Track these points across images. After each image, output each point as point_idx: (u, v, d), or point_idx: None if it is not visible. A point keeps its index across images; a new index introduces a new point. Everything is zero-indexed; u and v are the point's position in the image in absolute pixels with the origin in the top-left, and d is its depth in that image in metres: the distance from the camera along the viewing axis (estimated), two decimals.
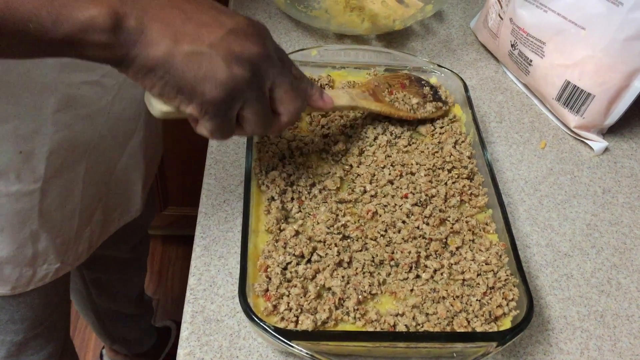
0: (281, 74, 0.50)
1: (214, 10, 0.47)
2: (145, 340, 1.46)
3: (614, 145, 0.83)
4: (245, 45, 0.46)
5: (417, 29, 0.98)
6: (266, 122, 0.51)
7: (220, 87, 0.45)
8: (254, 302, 0.54)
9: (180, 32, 0.44)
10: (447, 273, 0.58)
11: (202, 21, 0.45)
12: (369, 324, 0.54)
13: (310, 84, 0.58)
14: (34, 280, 0.75)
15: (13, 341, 0.84)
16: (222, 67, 0.45)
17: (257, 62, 0.47)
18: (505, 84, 0.90)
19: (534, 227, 0.71)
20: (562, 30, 0.78)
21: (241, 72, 0.46)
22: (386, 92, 0.72)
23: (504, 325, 0.55)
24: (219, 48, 0.45)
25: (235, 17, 0.48)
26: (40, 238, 0.71)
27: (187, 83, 0.45)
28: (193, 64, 0.44)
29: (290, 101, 0.52)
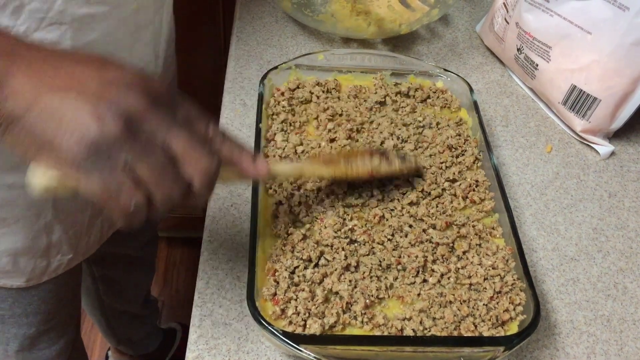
0: (176, 128, 0.41)
1: (97, 63, 0.41)
2: (151, 342, 1.47)
3: (620, 149, 0.83)
4: (124, 95, 0.39)
5: (423, 33, 0.98)
6: (171, 181, 0.41)
7: (82, 140, 0.37)
8: (262, 306, 0.54)
9: (47, 83, 0.38)
10: (454, 277, 0.59)
11: (78, 72, 0.39)
12: (377, 328, 0.54)
13: (237, 146, 0.47)
14: (47, 272, 0.76)
15: (26, 334, 0.85)
16: (88, 118, 0.37)
17: (137, 112, 0.39)
18: (511, 88, 0.90)
19: (540, 231, 0.71)
20: (568, 34, 0.78)
21: (110, 123, 0.38)
22: (341, 160, 0.62)
23: (511, 329, 0.55)
24: (90, 97, 0.38)
25: (125, 69, 0.41)
26: (54, 229, 0.72)
27: (47, 137, 0.38)
28: (55, 115, 0.37)
29: (194, 161, 0.41)
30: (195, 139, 0.42)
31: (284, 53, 0.91)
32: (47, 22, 0.55)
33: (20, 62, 0.39)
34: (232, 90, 0.83)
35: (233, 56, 0.89)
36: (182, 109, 0.43)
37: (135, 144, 0.39)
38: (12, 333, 0.84)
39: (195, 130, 0.43)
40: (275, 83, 0.75)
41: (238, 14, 0.97)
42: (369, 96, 0.76)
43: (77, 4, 0.57)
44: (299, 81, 0.76)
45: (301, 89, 0.75)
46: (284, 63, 0.76)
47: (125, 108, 0.38)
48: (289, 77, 0.77)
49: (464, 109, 0.77)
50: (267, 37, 0.93)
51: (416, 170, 0.67)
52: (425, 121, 0.74)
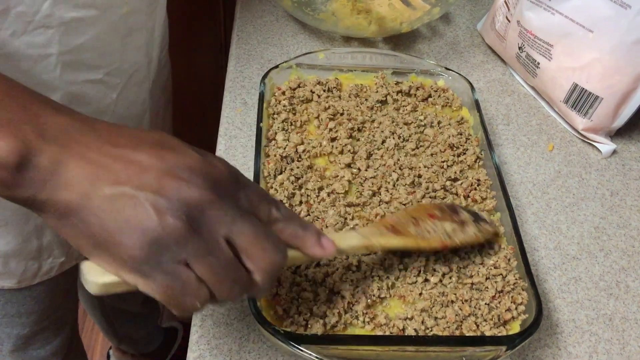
0: (240, 219, 0.39)
1: (156, 147, 0.38)
2: (152, 340, 1.47)
3: (622, 147, 0.83)
4: (184, 186, 0.36)
5: (424, 32, 0.98)
6: (232, 282, 0.39)
7: (142, 238, 0.35)
8: (264, 305, 0.54)
9: (102, 172, 0.36)
10: (456, 277, 0.58)
11: (136, 159, 0.37)
12: (378, 327, 0.54)
13: (301, 226, 0.44)
14: (39, 274, 0.76)
15: (20, 334, 0.85)
16: (148, 213, 0.35)
17: (198, 206, 0.37)
18: (513, 87, 0.90)
19: (542, 230, 0.71)
20: (569, 32, 0.78)
21: (172, 220, 0.36)
22: (410, 225, 0.58)
23: (513, 329, 0.55)
24: (148, 189, 0.36)
25: (186, 153, 0.38)
26: (45, 232, 0.72)
27: (105, 234, 0.36)
28: (113, 210, 0.35)
29: (258, 254, 0.39)
30: (260, 230, 0.39)
31: (284, 52, 0.90)
32: (33, 26, 0.55)
33: (75, 150, 0.36)
34: (232, 90, 0.83)
35: (234, 55, 0.89)
36: (245, 191, 0.41)
37: (198, 241, 0.37)
38: (5, 333, 0.84)
39: (260, 216, 0.41)
40: (276, 82, 0.75)
41: (238, 13, 0.97)
42: (370, 95, 0.76)
43: (64, 8, 0.56)
44: (300, 80, 0.76)
45: (302, 88, 0.75)
46: (285, 62, 0.76)
47: (186, 202, 0.36)
48: (289, 76, 0.77)
49: (465, 108, 0.76)
50: (268, 36, 0.93)
51: (494, 234, 0.61)
52: (426, 120, 0.74)
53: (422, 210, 0.60)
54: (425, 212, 0.60)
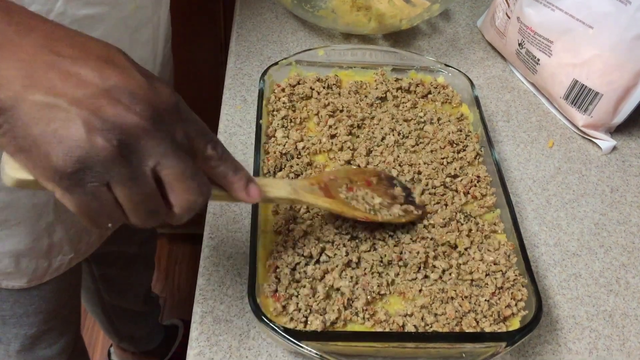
0: (171, 154, 0.38)
1: (101, 59, 0.36)
2: (153, 338, 1.47)
3: (622, 144, 0.83)
4: (122, 111, 0.35)
5: (423, 28, 0.97)
6: (147, 212, 0.39)
7: (68, 153, 0.34)
8: (263, 302, 0.54)
9: (37, 77, 0.34)
10: (456, 273, 0.58)
11: (75, 71, 0.35)
12: (378, 324, 0.54)
13: (232, 168, 0.45)
14: (49, 272, 0.77)
15: (27, 334, 0.86)
16: (79, 131, 0.34)
17: (132, 133, 0.36)
18: (513, 83, 0.90)
19: (542, 227, 0.71)
20: (569, 29, 0.78)
21: (102, 142, 0.35)
22: (344, 188, 0.60)
23: (513, 325, 0.55)
24: (83, 106, 0.34)
25: (130, 74, 0.37)
26: (56, 230, 0.72)
27: (30, 141, 0.35)
28: (42, 119, 0.34)
29: (180, 192, 0.40)
30: (187, 168, 0.39)
31: (284, 49, 0.90)
32: None
33: (9, 50, 0.35)
34: (232, 87, 0.83)
35: (233, 52, 0.89)
36: (184, 124, 0.40)
37: (124, 168, 0.36)
38: (13, 333, 0.84)
39: (194, 151, 0.41)
40: (275, 79, 0.75)
41: (238, 10, 0.97)
42: (369, 92, 0.76)
43: (77, 5, 0.57)
44: (300, 77, 0.76)
45: (302, 85, 0.75)
46: (284, 59, 0.76)
47: (121, 126, 0.35)
48: (289, 73, 0.76)
49: (465, 105, 0.76)
50: (267, 33, 0.93)
51: (417, 217, 0.63)
52: (426, 117, 0.74)
53: (361, 175, 0.63)
54: (364, 177, 0.63)
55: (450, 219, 0.63)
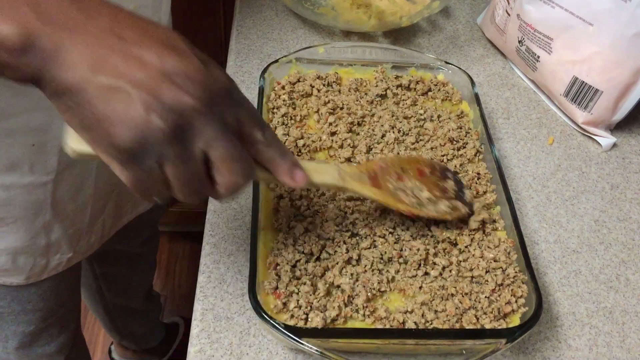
0: (221, 137, 0.40)
1: (161, 44, 0.39)
2: (154, 336, 1.47)
3: (622, 141, 0.83)
4: (178, 94, 0.38)
5: (423, 26, 0.97)
6: (192, 190, 0.42)
7: (128, 133, 0.37)
8: (264, 299, 0.54)
9: (102, 61, 0.37)
10: (456, 270, 0.58)
11: (137, 54, 0.38)
12: (378, 321, 0.54)
13: (280, 153, 0.47)
14: (47, 270, 0.77)
15: (25, 332, 0.86)
16: (139, 111, 0.37)
17: (187, 115, 0.38)
18: (513, 80, 0.90)
19: (542, 224, 0.71)
20: (569, 26, 0.78)
21: (159, 123, 0.37)
22: (393, 177, 0.60)
23: (513, 322, 0.55)
24: (143, 89, 0.37)
25: (188, 58, 0.39)
26: (53, 229, 0.72)
27: (94, 119, 0.38)
28: (106, 100, 0.37)
29: (226, 172, 0.42)
30: (235, 151, 0.42)
31: (284, 46, 0.90)
32: None
33: (77, 35, 0.37)
34: None
35: (233, 50, 0.89)
36: (235, 109, 0.42)
37: (175, 148, 0.39)
38: (11, 330, 0.85)
39: (243, 135, 0.43)
40: (275, 77, 0.75)
41: (238, 8, 0.97)
42: (369, 89, 0.76)
43: None
44: (300, 75, 0.76)
45: (302, 83, 0.75)
46: (285, 56, 0.76)
47: (175, 108, 0.38)
48: (289, 70, 0.76)
49: (465, 102, 0.76)
50: (268, 31, 0.93)
51: (465, 214, 0.61)
52: (426, 114, 0.74)
53: (414, 163, 0.62)
54: (417, 166, 0.62)
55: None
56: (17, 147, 0.63)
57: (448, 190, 0.62)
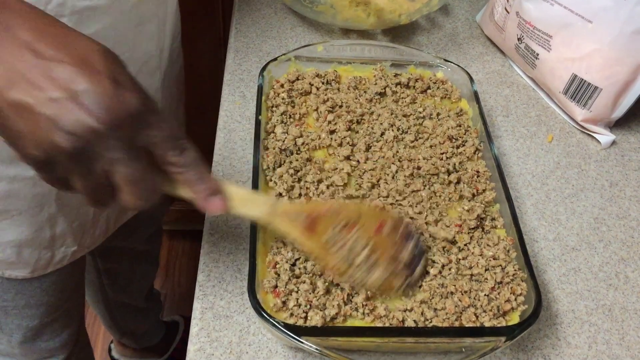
0: (122, 160, 0.41)
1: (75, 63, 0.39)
2: (154, 334, 1.48)
3: (621, 138, 0.83)
4: (82, 116, 0.38)
5: (422, 23, 0.97)
6: (99, 200, 0.44)
7: (35, 149, 0.39)
8: (263, 298, 0.54)
9: (16, 77, 0.38)
10: (455, 268, 0.58)
11: (49, 72, 0.38)
12: (378, 319, 0.54)
13: (197, 178, 0.47)
14: (52, 263, 0.77)
15: (29, 326, 0.86)
16: (43, 130, 0.38)
17: (88, 137, 0.39)
18: (512, 78, 0.90)
19: (542, 222, 0.71)
20: (568, 23, 0.78)
21: (61, 143, 0.39)
22: (339, 225, 0.54)
23: (513, 319, 0.55)
24: (49, 108, 0.38)
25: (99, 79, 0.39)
26: (58, 221, 0.73)
27: (6, 131, 0.40)
28: (16, 116, 0.39)
29: (126, 193, 0.43)
30: (136, 176, 0.42)
31: (283, 45, 0.90)
32: None
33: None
34: (231, 83, 0.83)
35: (232, 48, 0.89)
36: (149, 131, 0.42)
37: (78, 165, 0.41)
38: (15, 324, 0.85)
39: (155, 156, 0.44)
40: (274, 75, 0.75)
41: (237, 6, 0.97)
42: (368, 87, 0.76)
43: None
44: (299, 73, 0.76)
45: (301, 81, 0.75)
46: (283, 55, 0.76)
47: (77, 131, 0.39)
48: (288, 68, 0.76)
49: (465, 100, 0.76)
50: (266, 29, 0.93)
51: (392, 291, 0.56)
52: (425, 112, 0.74)
53: (377, 217, 0.56)
54: (380, 218, 0.56)
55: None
56: None
57: (399, 260, 0.55)
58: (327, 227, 0.54)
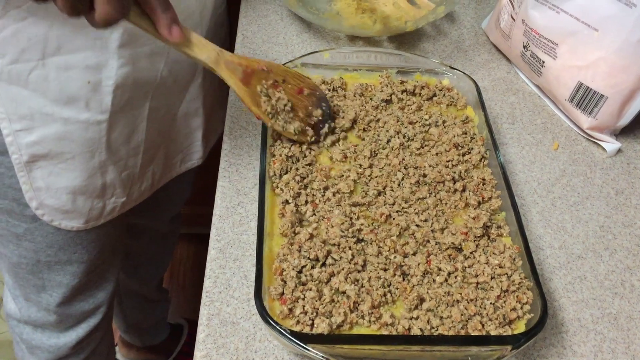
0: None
1: None
2: (158, 333, 1.48)
3: (627, 146, 0.83)
4: None
5: (428, 30, 0.98)
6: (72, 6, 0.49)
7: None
8: (270, 305, 0.55)
9: None
10: (461, 276, 0.59)
11: None
12: (384, 327, 0.54)
13: (162, 5, 0.54)
14: (104, 214, 0.82)
15: (69, 284, 0.89)
16: None
17: None
18: (518, 85, 0.90)
19: (547, 230, 0.71)
20: (574, 31, 0.78)
21: None
22: (269, 82, 0.66)
23: (518, 328, 0.56)
24: None
25: None
26: (108, 170, 0.77)
27: None
28: None
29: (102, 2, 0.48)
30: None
31: (289, 51, 0.91)
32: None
33: None
34: None
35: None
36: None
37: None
38: (57, 282, 0.88)
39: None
40: None
41: (243, 12, 0.97)
42: (374, 94, 0.77)
43: None
44: None
45: None
46: (290, 62, 0.76)
47: None
48: None
49: (470, 107, 0.77)
50: (273, 35, 0.93)
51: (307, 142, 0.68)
52: (431, 119, 0.74)
53: (297, 79, 0.69)
54: (299, 83, 0.68)
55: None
56: (74, 83, 0.67)
57: (312, 117, 0.68)
58: (258, 82, 0.65)
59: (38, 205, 0.76)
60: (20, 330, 0.96)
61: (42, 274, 0.87)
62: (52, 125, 0.69)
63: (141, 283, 1.30)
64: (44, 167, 0.72)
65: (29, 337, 0.96)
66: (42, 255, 0.84)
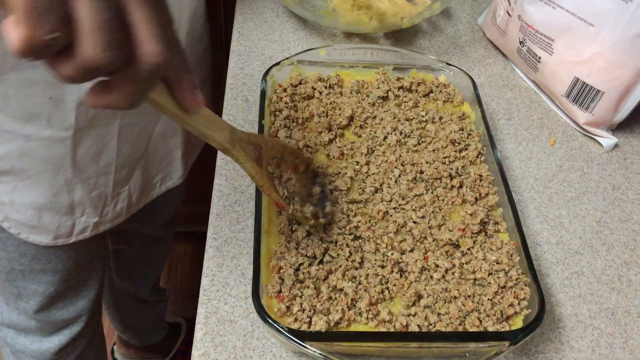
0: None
1: None
2: (156, 332, 1.48)
3: (624, 141, 0.83)
4: None
5: (424, 27, 0.98)
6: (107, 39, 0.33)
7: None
8: (267, 303, 0.55)
9: None
10: (459, 273, 0.59)
11: None
12: (382, 324, 0.55)
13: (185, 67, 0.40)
14: (74, 232, 0.79)
15: (45, 293, 0.88)
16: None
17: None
18: (514, 81, 0.90)
19: (544, 225, 0.71)
20: (571, 27, 0.78)
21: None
22: (274, 161, 0.57)
23: (516, 324, 0.56)
24: None
25: None
26: (75, 188, 0.75)
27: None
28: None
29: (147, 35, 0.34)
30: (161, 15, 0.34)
31: (285, 49, 0.90)
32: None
33: None
34: (234, 87, 0.83)
35: (235, 52, 0.89)
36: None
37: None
38: (31, 290, 0.87)
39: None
40: (277, 79, 0.75)
41: (239, 10, 0.97)
42: (371, 91, 0.76)
43: None
44: (301, 77, 0.76)
45: (303, 85, 0.75)
46: (286, 59, 0.76)
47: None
48: (291, 73, 0.77)
49: (467, 103, 0.76)
50: (269, 33, 0.93)
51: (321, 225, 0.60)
52: (428, 116, 0.74)
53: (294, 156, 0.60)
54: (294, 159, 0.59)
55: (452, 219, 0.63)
56: (35, 99, 0.65)
57: (313, 195, 0.61)
58: (267, 162, 0.55)
59: (4, 219, 0.75)
60: (5, 334, 0.96)
61: (16, 282, 0.86)
62: (13, 142, 0.67)
63: (136, 286, 1.29)
64: (8, 183, 0.71)
65: (13, 341, 0.95)
66: (15, 264, 0.82)
